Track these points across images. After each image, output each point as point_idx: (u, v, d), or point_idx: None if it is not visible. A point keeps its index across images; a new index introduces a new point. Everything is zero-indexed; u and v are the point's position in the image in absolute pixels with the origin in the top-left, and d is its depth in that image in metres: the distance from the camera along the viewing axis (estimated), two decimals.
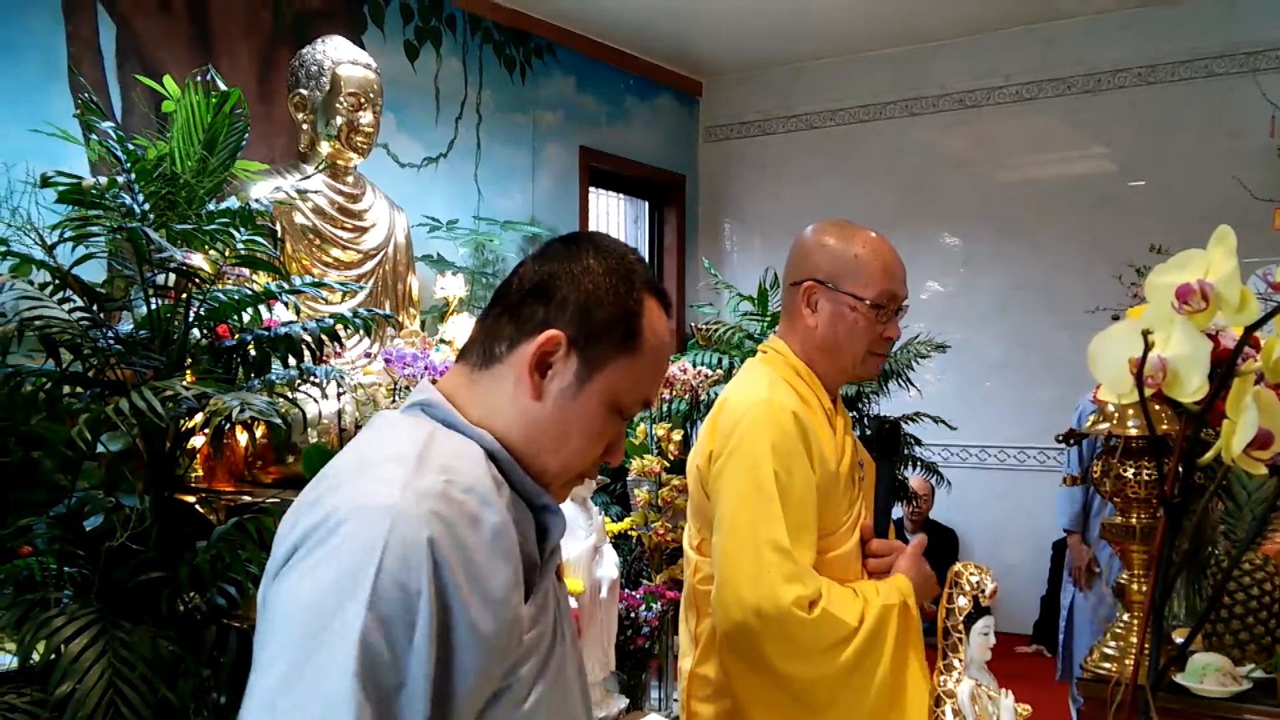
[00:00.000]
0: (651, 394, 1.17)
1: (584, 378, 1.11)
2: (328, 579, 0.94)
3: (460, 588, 0.97)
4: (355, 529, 0.96)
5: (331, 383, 2.55)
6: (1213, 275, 0.98)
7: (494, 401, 1.11)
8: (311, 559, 0.96)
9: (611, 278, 1.12)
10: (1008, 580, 3.03)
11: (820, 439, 1.80)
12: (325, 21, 4.66)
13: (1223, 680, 2.24)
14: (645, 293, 1.15)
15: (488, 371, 1.13)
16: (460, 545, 0.98)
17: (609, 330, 1.11)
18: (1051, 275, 5.99)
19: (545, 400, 1.11)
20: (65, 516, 2.12)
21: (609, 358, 1.11)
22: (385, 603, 0.93)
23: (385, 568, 0.94)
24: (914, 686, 1.77)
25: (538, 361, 1.10)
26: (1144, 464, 2.38)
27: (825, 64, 6.71)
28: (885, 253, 1.87)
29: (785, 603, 1.65)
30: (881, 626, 1.72)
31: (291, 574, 0.97)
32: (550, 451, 1.12)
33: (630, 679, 3.43)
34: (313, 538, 0.97)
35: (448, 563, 0.97)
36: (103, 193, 2.24)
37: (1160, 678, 1.06)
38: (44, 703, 1.87)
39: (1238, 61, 5.55)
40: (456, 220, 5.24)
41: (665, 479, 3.73)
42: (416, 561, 0.95)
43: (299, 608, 0.94)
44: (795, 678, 1.72)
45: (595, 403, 1.12)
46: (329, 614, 0.92)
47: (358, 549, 0.94)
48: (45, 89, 3.74)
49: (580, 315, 1.10)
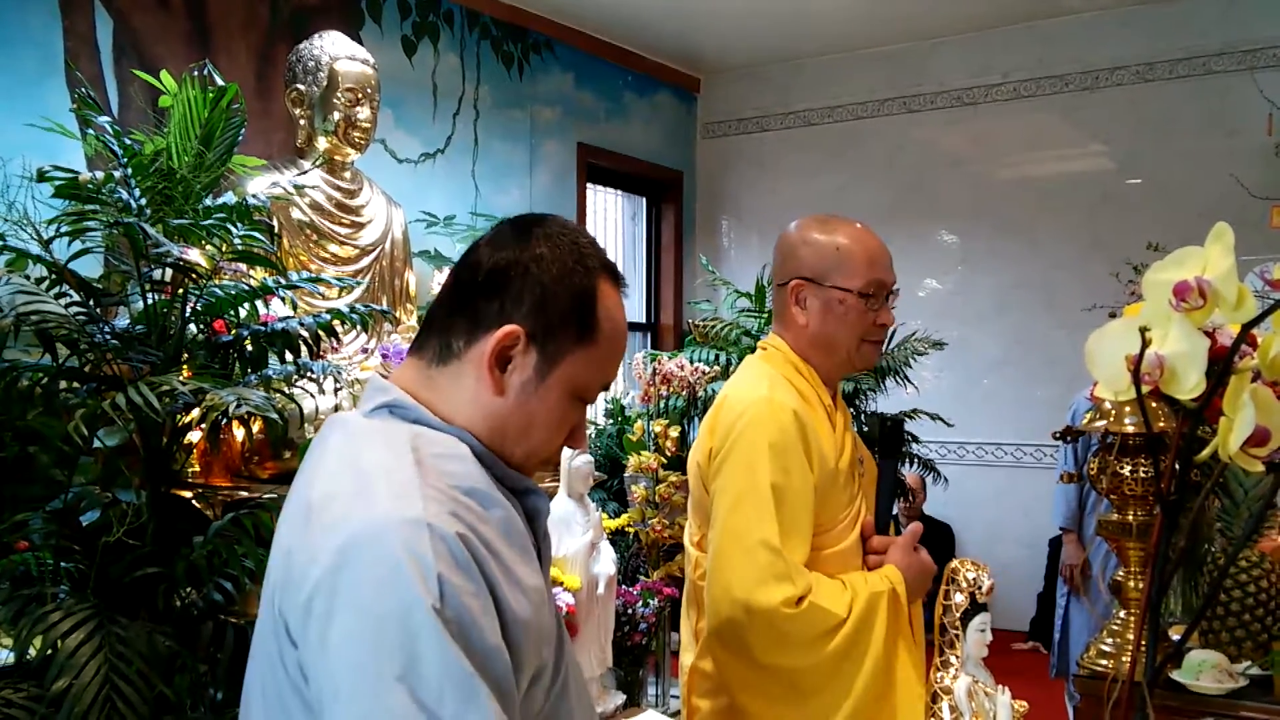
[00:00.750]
0: (610, 377, 1.17)
1: (544, 371, 1.11)
2: (390, 608, 0.91)
3: (501, 582, 0.99)
4: (392, 551, 0.93)
5: (328, 378, 2.55)
6: (1210, 273, 0.98)
7: (456, 397, 1.11)
8: (346, 594, 0.93)
9: (566, 267, 1.11)
10: (1004, 577, 3.03)
11: (820, 436, 1.81)
12: (323, 17, 4.65)
13: (1219, 677, 2.24)
14: (600, 277, 1.14)
15: (446, 368, 1.12)
16: (486, 542, 0.99)
17: (566, 322, 1.11)
18: (1049, 273, 5.99)
19: (507, 395, 1.10)
20: (62, 511, 2.12)
21: (568, 349, 1.11)
22: (456, 612, 0.92)
23: (445, 577, 0.93)
24: (904, 672, 1.79)
25: (497, 357, 1.09)
26: (1141, 461, 2.39)
27: (823, 61, 6.71)
28: (868, 241, 1.87)
29: (775, 601, 1.67)
30: (869, 614, 1.74)
31: (340, 621, 0.92)
32: (514, 443, 1.12)
33: (627, 675, 3.44)
34: (348, 573, 0.93)
35: (486, 561, 0.98)
36: (99, 187, 2.23)
37: (1157, 674, 1.06)
38: (40, 698, 1.87)
39: (1235, 59, 5.55)
40: (454, 216, 5.24)
41: (662, 475, 3.73)
42: (465, 564, 0.95)
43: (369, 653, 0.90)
44: (784, 668, 1.74)
45: (557, 393, 1.12)
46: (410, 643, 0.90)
47: (400, 567, 0.92)
48: (42, 83, 3.73)
49: (537, 308, 1.10)
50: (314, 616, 0.94)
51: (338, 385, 2.63)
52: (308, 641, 0.94)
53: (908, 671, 1.79)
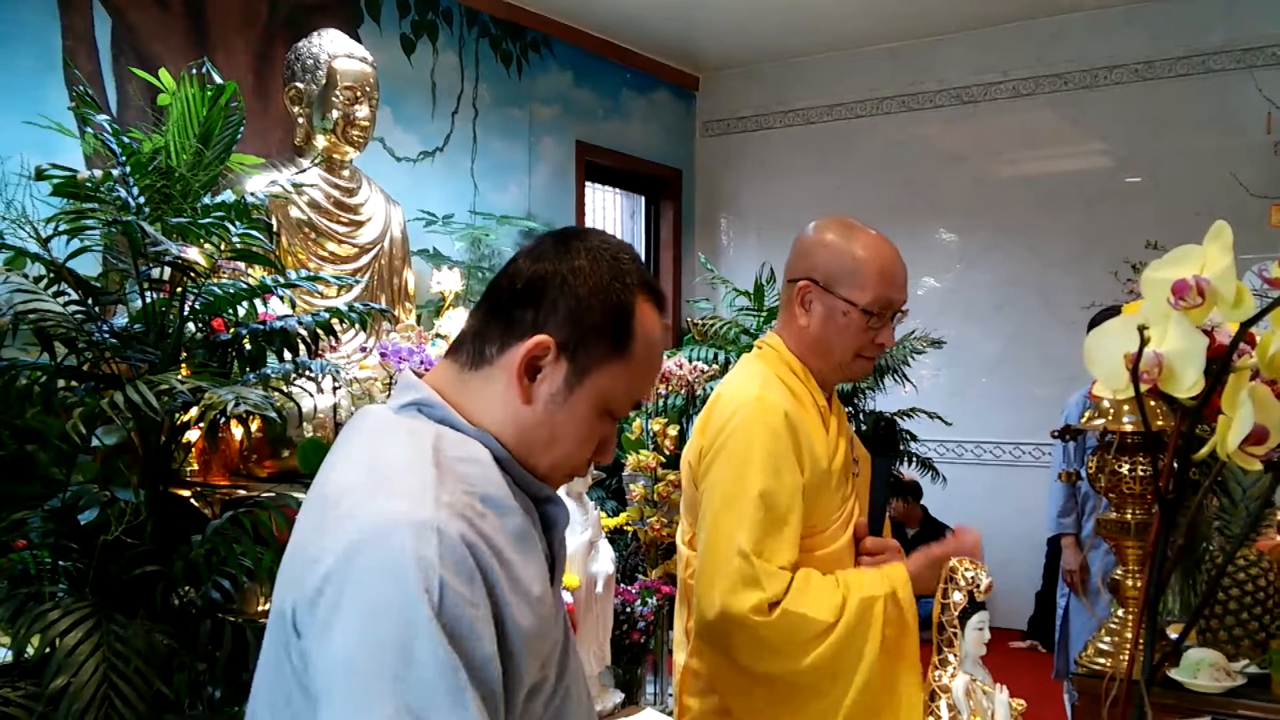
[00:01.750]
0: (643, 394, 1.16)
1: (573, 383, 1.10)
2: (390, 606, 0.92)
3: (505, 592, 0.98)
4: (399, 551, 0.93)
5: (327, 377, 2.55)
6: (1209, 271, 0.98)
7: (485, 402, 1.11)
8: (352, 591, 0.93)
9: (603, 281, 1.11)
10: (1002, 575, 3.03)
11: (812, 437, 1.79)
12: (321, 15, 4.64)
13: (1217, 675, 2.25)
14: (638, 294, 1.13)
15: (478, 372, 1.12)
16: (495, 550, 0.99)
17: (599, 335, 1.10)
18: (1048, 271, 5.99)
19: (535, 404, 1.10)
20: (60, 510, 2.12)
21: (599, 363, 1.10)
22: (452, 619, 0.92)
23: (447, 583, 0.93)
24: (906, 682, 1.76)
25: (527, 365, 1.09)
26: (1139, 459, 2.39)
27: (822, 59, 6.70)
28: (885, 257, 1.82)
29: (744, 608, 1.65)
30: (861, 620, 1.70)
31: (343, 613, 0.93)
32: (540, 453, 1.11)
33: (626, 674, 3.44)
34: (356, 566, 0.94)
35: (491, 569, 0.98)
36: (98, 186, 2.23)
37: (1154, 673, 1.06)
38: (39, 696, 1.87)
39: (1235, 58, 5.56)
40: (453, 214, 5.23)
41: (661, 474, 3.73)
42: (469, 570, 0.95)
43: (365, 648, 0.91)
44: (768, 675, 1.72)
45: (585, 406, 1.11)
46: (406, 643, 0.90)
47: (405, 569, 0.92)
48: (40, 82, 3.73)
49: (570, 320, 1.09)
50: (319, 608, 0.95)
51: (336, 384, 2.63)
52: (311, 631, 0.95)
53: (911, 680, 1.76)
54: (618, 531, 3.80)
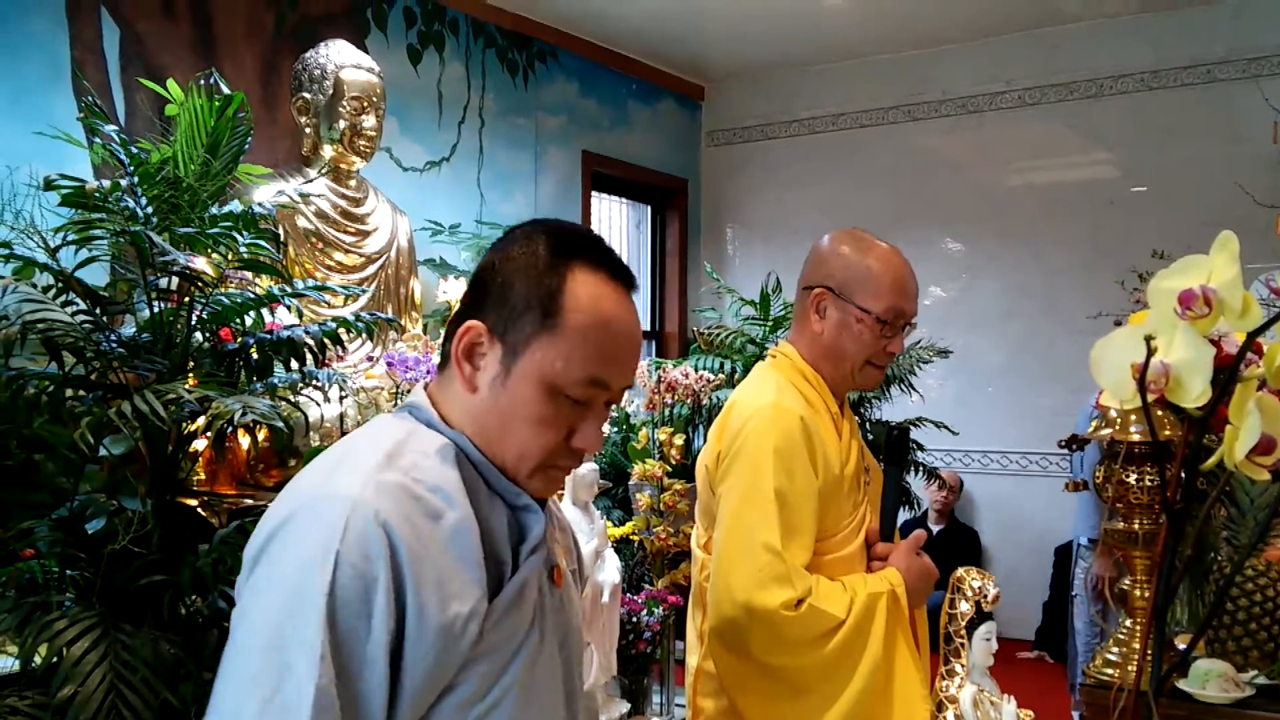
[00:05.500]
0: (602, 372, 1.10)
1: (509, 363, 1.10)
2: (291, 565, 0.98)
3: (414, 578, 1.00)
4: (315, 517, 1.00)
5: (334, 386, 2.55)
6: (1215, 281, 0.98)
7: (453, 401, 1.14)
8: (277, 547, 1.01)
9: (531, 259, 1.11)
10: (1010, 586, 3.02)
11: (825, 443, 1.83)
12: (328, 26, 4.66)
13: (1225, 686, 2.23)
14: (575, 266, 1.10)
15: (445, 372, 1.16)
16: (417, 536, 1.01)
17: (524, 311, 1.09)
18: (1053, 280, 5.99)
19: (480, 391, 1.11)
20: (67, 519, 2.12)
21: (528, 339, 1.09)
22: (344, 589, 0.97)
23: (344, 555, 0.97)
24: (903, 670, 1.80)
25: (464, 353, 1.11)
26: (1146, 469, 2.38)
27: (828, 69, 6.71)
28: (898, 268, 1.88)
29: (774, 604, 1.70)
30: (868, 614, 1.76)
31: (261, 563, 1.01)
32: (498, 442, 1.11)
33: (632, 683, 3.43)
34: (285, 527, 1.01)
35: (403, 552, 0.99)
36: (106, 196, 2.24)
37: (1162, 684, 1.06)
38: (46, 706, 1.87)
39: (1240, 67, 5.55)
40: (459, 224, 5.24)
41: (667, 483, 3.73)
42: (375, 550, 0.98)
43: (266, 599, 0.98)
44: (783, 667, 1.76)
45: (527, 387, 1.09)
46: (294, 604, 0.96)
47: (318, 537, 0.98)
48: (49, 92, 3.75)
49: (497, 301, 1.11)
50: (246, 569, 1.03)
51: (343, 393, 2.63)
52: (240, 592, 1.03)
53: (908, 668, 1.81)
54: (624, 541, 3.80)
